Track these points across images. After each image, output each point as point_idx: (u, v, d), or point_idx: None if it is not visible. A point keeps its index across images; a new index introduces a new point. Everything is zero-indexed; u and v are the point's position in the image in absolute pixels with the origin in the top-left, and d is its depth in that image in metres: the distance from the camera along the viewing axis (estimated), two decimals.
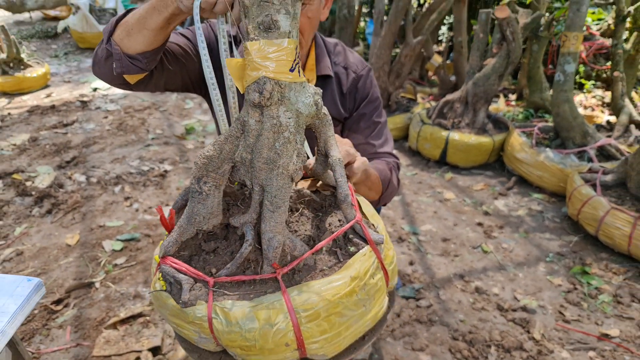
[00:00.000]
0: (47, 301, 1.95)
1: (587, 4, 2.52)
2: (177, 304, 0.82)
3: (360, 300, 0.85)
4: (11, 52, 4.59)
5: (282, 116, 0.80)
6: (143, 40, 0.95)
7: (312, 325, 0.80)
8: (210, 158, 0.83)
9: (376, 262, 0.89)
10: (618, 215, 2.04)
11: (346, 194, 0.90)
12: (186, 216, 0.86)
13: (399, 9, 3.22)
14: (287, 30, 0.77)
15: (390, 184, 1.27)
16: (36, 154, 3.33)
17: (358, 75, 1.32)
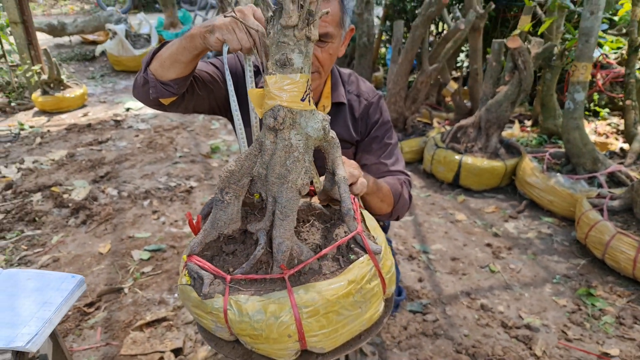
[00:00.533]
0: (80, 304, 2.12)
1: (595, 35, 2.63)
2: (198, 296, 0.96)
3: (356, 302, 0.97)
4: (52, 74, 4.92)
5: (293, 138, 0.94)
6: (174, 70, 1.12)
7: (312, 320, 0.92)
8: (232, 172, 0.98)
9: (373, 270, 1.01)
10: (623, 240, 2.10)
11: (349, 208, 1.04)
12: (210, 221, 1.01)
13: (415, 38, 3.37)
14: (300, 67, 0.92)
15: (402, 197, 1.38)
16: (73, 168, 3.57)
17: (369, 102, 1.45)
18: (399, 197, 1.37)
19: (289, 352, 0.95)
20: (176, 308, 2.09)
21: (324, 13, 0.95)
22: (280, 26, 0.90)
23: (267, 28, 0.93)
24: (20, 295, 1.17)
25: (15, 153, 3.93)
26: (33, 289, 1.19)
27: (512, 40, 2.85)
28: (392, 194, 1.34)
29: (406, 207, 1.42)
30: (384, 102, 1.50)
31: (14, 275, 1.24)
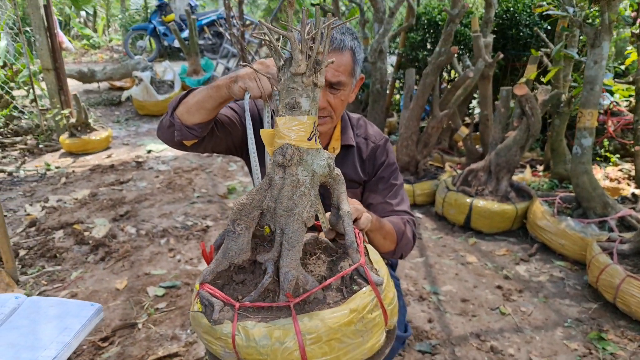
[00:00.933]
0: (95, 338, 2.17)
1: (600, 83, 2.71)
2: (208, 322, 1.02)
3: (358, 330, 1.02)
4: (80, 118, 5.17)
5: (300, 174, 1.02)
6: (199, 116, 1.23)
7: (315, 347, 0.97)
8: (244, 205, 1.06)
9: (375, 300, 1.06)
10: (633, 283, 2.10)
11: (352, 241, 1.10)
12: (222, 251, 1.08)
13: (426, 85, 3.51)
14: (307, 109, 1.01)
15: (405, 236, 1.43)
16: (95, 207, 3.70)
17: (376, 145, 1.54)
18: (402, 235, 1.42)
19: None
20: (188, 344, 2.13)
21: (329, 62, 1.05)
22: (290, 74, 1.00)
23: (279, 75, 1.03)
24: (41, 321, 1.24)
25: (41, 192, 4.09)
26: (54, 316, 1.26)
27: (519, 88, 2.95)
28: (395, 233, 1.40)
29: (410, 245, 1.47)
30: (390, 145, 1.58)
31: (36, 303, 1.32)
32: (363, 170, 1.54)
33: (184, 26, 9.66)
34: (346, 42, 1.29)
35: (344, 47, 1.29)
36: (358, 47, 1.34)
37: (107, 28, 16.28)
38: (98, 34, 14.93)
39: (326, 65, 1.03)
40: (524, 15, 4.35)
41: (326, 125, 1.38)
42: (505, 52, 4.41)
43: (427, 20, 4.72)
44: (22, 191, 4.13)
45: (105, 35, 15.45)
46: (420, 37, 4.73)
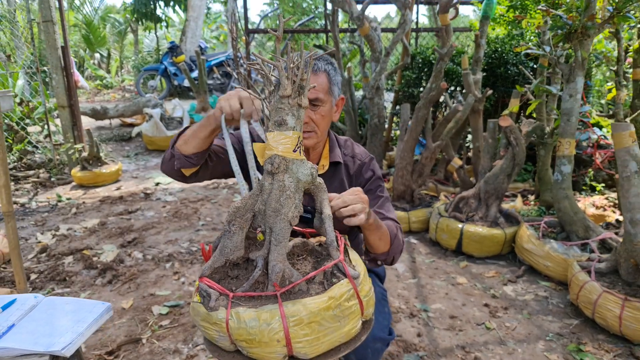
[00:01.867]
0: (102, 352, 2.31)
1: (576, 115, 2.91)
2: (206, 310, 1.18)
3: (335, 316, 1.17)
4: (92, 151, 5.43)
5: (286, 180, 1.21)
6: (195, 145, 1.46)
7: (297, 328, 1.13)
8: (238, 208, 1.24)
9: (352, 291, 1.22)
10: (609, 298, 2.22)
11: (332, 240, 1.27)
12: (219, 249, 1.26)
13: (419, 118, 3.73)
14: (292, 126, 1.21)
15: (397, 238, 1.57)
16: (103, 235, 3.88)
17: (362, 162, 1.72)
18: (395, 237, 1.56)
19: (278, 355, 1.14)
20: (189, 357, 2.25)
21: (311, 87, 1.26)
22: (278, 96, 1.20)
23: (269, 98, 1.24)
24: (58, 315, 1.40)
25: (52, 222, 4.29)
26: (69, 311, 1.42)
27: (503, 120, 3.15)
28: (389, 234, 1.54)
29: (400, 248, 1.60)
30: (375, 162, 1.76)
31: (53, 301, 1.49)
32: (351, 185, 1.70)
33: (194, 66, 10.11)
34: (320, 65, 1.52)
35: (319, 70, 1.51)
36: (332, 70, 1.56)
37: (120, 69, 16.94)
38: (111, 75, 15.53)
39: (309, 89, 1.24)
40: (511, 55, 4.62)
41: (311, 140, 1.57)
42: (495, 88, 4.66)
43: (421, 59, 5.01)
44: (34, 221, 4.32)
45: (118, 76, 16.06)
46: (416, 75, 5.00)
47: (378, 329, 1.61)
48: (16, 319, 1.37)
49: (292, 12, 11.55)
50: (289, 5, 11.56)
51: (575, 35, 2.89)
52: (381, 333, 1.61)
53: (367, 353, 1.59)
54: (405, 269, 3.11)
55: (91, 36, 14.46)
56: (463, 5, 12.73)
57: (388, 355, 2.14)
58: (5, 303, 1.45)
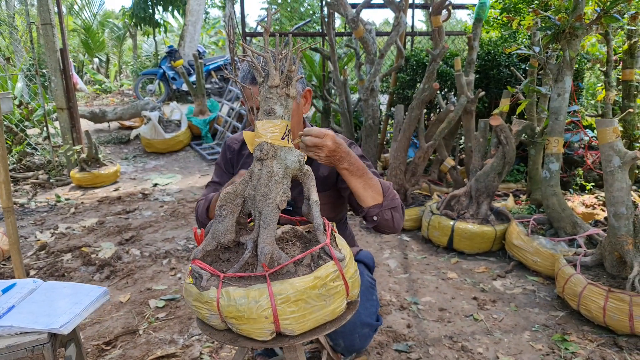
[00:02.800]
0: (99, 342, 2.36)
1: (564, 114, 2.99)
2: (198, 290, 1.24)
3: (321, 294, 1.23)
4: (90, 153, 5.49)
5: (275, 167, 1.27)
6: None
7: (284, 305, 1.19)
8: (229, 193, 1.30)
9: (337, 272, 1.28)
10: (593, 290, 2.29)
11: (319, 224, 1.33)
12: (210, 233, 1.32)
13: (412, 119, 3.80)
14: (280, 115, 1.27)
15: (390, 191, 1.55)
16: (102, 233, 3.94)
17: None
18: (388, 190, 1.54)
19: (266, 331, 1.20)
20: (184, 347, 2.31)
21: (299, 77, 1.32)
22: (267, 86, 1.27)
23: (259, 88, 1.30)
24: (57, 298, 1.46)
25: (51, 221, 4.34)
26: (67, 294, 1.48)
27: (493, 119, 3.23)
28: (381, 185, 1.52)
29: (396, 203, 1.55)
30: (356, 146, 1.80)
31: (52, 285, 1.55)
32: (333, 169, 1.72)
33: (192, 71, 10.18)
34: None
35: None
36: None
37: (119, 74, 17.04)
38: (110, 80, 15.62)
39: (297, 80, 1.31)
40: (503, 57, 4.71)
41: None
42: (487, 90, 4.74)
43: (415, 61, 5.09)
44: (33, 220, 4.38)
45: (116, 81, 16.15)
46: (410, 77, 5.08)
47: (366, 315, 1.67)
48: (16, 300, 1.43)
49: (290, 17, 11.66)
50: (286, 10, 11.67)
51: (564, 36, 2.97)
52: (368, 319, 1.67)
53: (355, 338, 1.65)
54: (397, 265, 3.17)
55: (90, 41, 14.56)
56: (459, 10, 12.81)
57: (377, 344, 2.20)
58: (6, 287, 1.51)
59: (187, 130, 7.16)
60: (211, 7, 16.35)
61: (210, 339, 2.33)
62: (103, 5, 15.55)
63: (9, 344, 1.25)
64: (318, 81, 7.10)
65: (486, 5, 4.45)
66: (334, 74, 5.26)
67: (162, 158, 6.86)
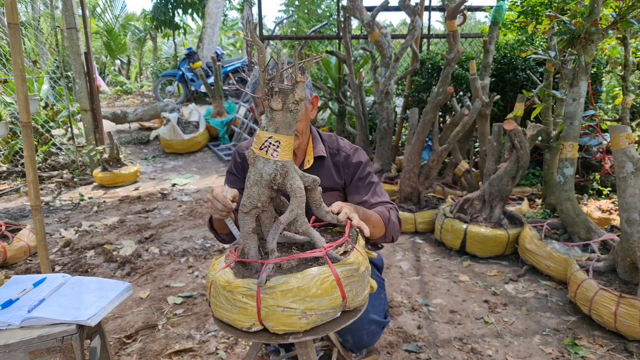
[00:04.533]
0: (121, 336, 2.46)
1: (579, 119, 2.99)
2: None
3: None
4: (112, 153, 5.65)
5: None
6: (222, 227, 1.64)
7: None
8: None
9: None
10: (605, 295, 2.30)
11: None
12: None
13: (426, 122, 3.84)
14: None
15: (390, 221, 1.67)
16: (122, 231, 4.06)
17: (347, 154, 1.83)
18: (388, 221, 1.66)
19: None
20: (201, 342, 2.39)
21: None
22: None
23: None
24: (84, 292, 1.55)
25: (75, 219, 4.49)
26: (94, 289, 1.57)
27: (507, 123, 3.25)
28: (382, 220, 1.64)
29: (396, 228, 1.71)
30: (361, 151, 1.86)
31: (80, 280, 1.64)
32: (339, 176, 1.80)
33: (210, 72, 10.34)
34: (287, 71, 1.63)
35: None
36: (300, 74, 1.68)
37: (140, 75, 17.35)
38: (131, 81, 15.92)
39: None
40: (519, 61, 4.70)
41: (295, 143, 1.65)
42: (503, 94, 4.75)
43: (430, 65, 5.12)
44: (58, 218, 4.53)
45: (137, 82, 16.45)
46: (425, 80, 5.11)
47: (373, 313, 1.73)
48: (46, 294, 1.52)
49: (307, 19, 11.75)
50: (304, 13, 11.76)
51: (579, 41, 2.97)
52: (376, 316, 1.73)
53: (363, 334, 1.71)
54: (409, 267, 3.22)
55: (112, 43, 14.89)
56: (477, 12, 12.70)
57: (387, 344, 2.25)
58: (37, 281, 1.61)
59: (205, 132, 7.30)
60: (229, 9, 16.57)
61: (231, 335, 2.41)
62: (125, 8, 15.86)
63: (40, 334, 1.34)
64: (334, 83, 7.16)
65: (503, 9, 4.46)
66: (350, 76, 5.31)
67: (180, 158, 7.00)
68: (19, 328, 1.37)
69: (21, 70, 2.47)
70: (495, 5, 4.48)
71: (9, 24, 2.41)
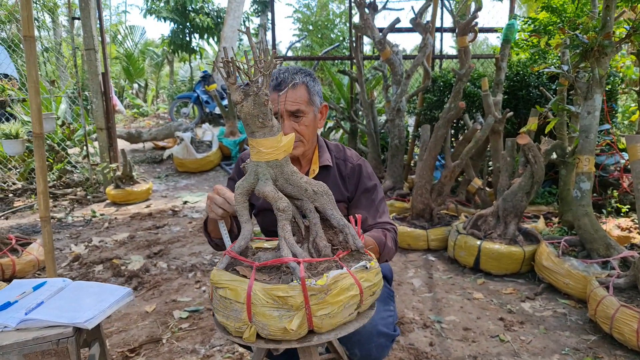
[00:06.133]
0: (124, 349, 2.41)
1: (595, 132, 2.93)
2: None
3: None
4: (125, 171, 5.69)
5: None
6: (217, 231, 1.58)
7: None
8: None
9: None
10: (626, 312, 2.19)
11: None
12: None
13: (438, 137, 3.79)
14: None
15: (386, 247, 1.61)
16: (132, 246, 4.04)
17: (354, 165, 1.79)
18: (384, 246, 1.60)
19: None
20: (205, 357, 2.33)
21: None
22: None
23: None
24: (83, 296, 1.51)
25: (85, 235, 4.49)
26: (94, 292, 1.54)
27: (521, 138, 3.19)
28: (377, 245, 1.58)
29: (392, 253, 1.65)
30: (367, 164, 1.82)
31: (80, 284, 1.61)
32: (345, 187, 1.76)
33: (225, 95, 10.49)
34: (297, 78, 1.60)
35: (297, 84, 1.60)
36: (311, 81, 1.65)
37: (156, 98, 17.68)
38: (147, 104, 16.22)
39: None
40: (532, 78, 4.66)
41: (299, 149, 1.64)
42: (516, 111, 4.69)
43: (442, 82, 5.10)
44: (69, 234, 4.54)
45: (153, 105, 16.75)
46: (437, 98, 5.09)
47: (382, 325, 1.65)
48: (45, 297, 1.49)
49: (321, 43, 11.91)
50: (317, 36, 11.93)
51: (592, 54, 2.93)
52: (385, 329, 1.65)
53: (371, 347, 1.63)
54: (421, 284, 3.13)
55: (131, 68, 15.23)
56: (489, 33, 12.73)
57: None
58: (37, 284, 1.58)
59: (217, 151, 7.34)
60: (244, 34, 16.86)
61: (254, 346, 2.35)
62: (144, 34, 16.28)
63: (35, 336, 1.30)
64: (346, 103, 7.18)
65: (514, 27, 4.45)
66: (361, 95, 5.32)
67: (193, 177, 7.03)
68: (14, 330, 1.33)
69: (35, 82, 2.51)
70: (507, 23, 4.48)
71: (24, 36, 2.45)
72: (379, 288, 1.31)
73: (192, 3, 12.94)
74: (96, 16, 5.76)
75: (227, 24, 11.53)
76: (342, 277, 1.19)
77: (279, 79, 1.61)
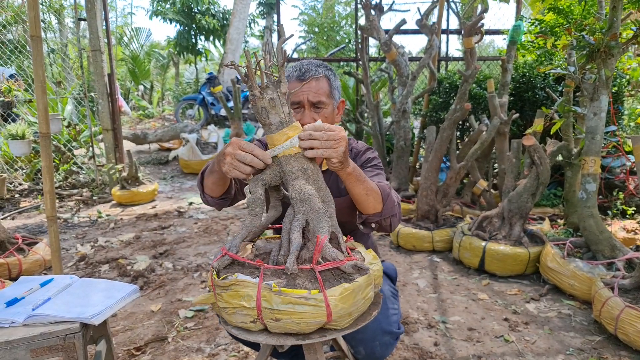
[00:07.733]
0: (130, 348, 2.42)
1: (601, 133, 2.92)
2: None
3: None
4: (131, 172, 5.72)
5: None
6: (220, 189, 1.54)
7: None
8: None
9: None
10: (631, 313, 2.18)
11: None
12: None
13: (443, 139, 3.79)
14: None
15: (390, 198, 1.52)
16: (138, 247, 4.06)
17: (359, 150, 1.80)
18: (387, 197, 1.51)
19: None
20: (211, 355, 2.34)
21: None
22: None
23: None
24: (91, 292, 1.53)
25: (91, 235, 4.52)
26: (101, 289, 1.55)
27: (527, 139, 3.18)
28: (380, 192, 1.50)
29: (396, 209, 1.54)
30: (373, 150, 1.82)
31: (88, 281, 1.63)
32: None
33: (230, 96, 10.52)
34: (320, 71, 1.62)
35: (319, 75, 1.62)
36: (332, 75, 1.67)
37: (162, 100, 17.75)
38: (153, 106, 16.29)
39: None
40: (538, 79, 4.65)
41: None
42: (522, 112, 4.68)
43: (448, 84, 5.10)
44: (75, 234, 4.56)
45: (159, 107, 16.82)
46: (442, 100, 5.09)
47: (387, 324, 1.65)
48: (52, 294, 1.50)
49: (327, 45, 11.93)
50: (323, 39, 11.97)
51: (599, 55, 2.93)
52: (389, 327, 1.66)
53: (376, 345, 1.64)
54: (426, 284, 3.12)
55: (137, 70, 15.30)
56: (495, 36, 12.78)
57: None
58: (44, 281, 1.59)
59: None
60: (250, 36, 16.94)
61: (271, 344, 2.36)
62: (150, 36, 16.37)
63: (42, 332, 1.32)
64: (351, 105, 7.19)
65: (520, 28, 4.45)
66: (367, 96, 5.33)
67: None
68: (22, 326, 1.35)
69: (41, 81, 2.53)
70: (513, 24, 4.47)
71: (31, 36, 2.48)
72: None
73: (198, 5, 13.01)
74: (102, 17, 5.80)
75: (232, 25, 11.58)
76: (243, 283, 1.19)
77: (302, 69, 1.63)
